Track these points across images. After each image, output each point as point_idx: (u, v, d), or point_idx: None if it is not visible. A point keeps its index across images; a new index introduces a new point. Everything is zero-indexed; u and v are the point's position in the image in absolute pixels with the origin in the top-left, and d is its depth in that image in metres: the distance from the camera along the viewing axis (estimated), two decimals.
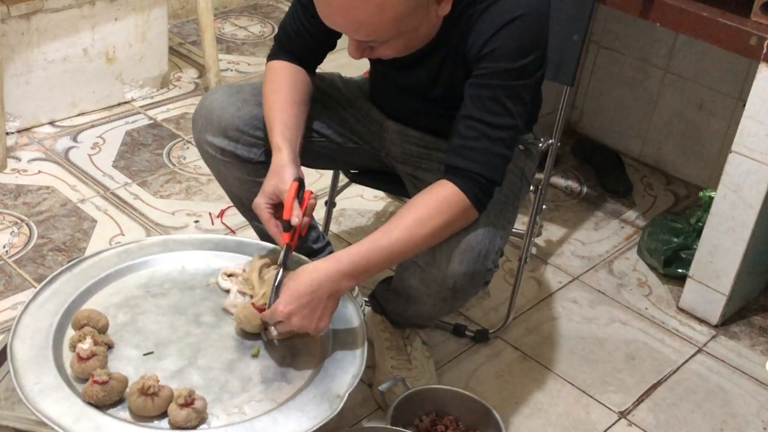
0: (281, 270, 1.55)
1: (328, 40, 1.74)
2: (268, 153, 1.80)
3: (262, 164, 1.80)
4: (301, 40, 1.73)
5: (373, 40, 1.48)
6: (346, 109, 1.87)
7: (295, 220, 1.55)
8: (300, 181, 1.60)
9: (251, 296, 1.59)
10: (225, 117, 1.75)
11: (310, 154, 1.88)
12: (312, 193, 1.61)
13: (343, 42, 1.59)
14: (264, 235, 1.97)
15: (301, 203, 1.58)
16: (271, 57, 1.77)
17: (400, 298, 1.78)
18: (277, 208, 1.59)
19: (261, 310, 1.54)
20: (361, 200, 2.56)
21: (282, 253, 1.57)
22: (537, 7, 1.53)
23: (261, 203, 1.60)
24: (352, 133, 1.87)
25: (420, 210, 1.52)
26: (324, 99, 1.86)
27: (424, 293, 1.67)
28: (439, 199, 1.53)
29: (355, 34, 1.48)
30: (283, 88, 1.71)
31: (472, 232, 1.58)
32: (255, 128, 1.75)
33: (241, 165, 1.77)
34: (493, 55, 1.51)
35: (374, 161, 1.92)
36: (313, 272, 1.50)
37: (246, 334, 1.56)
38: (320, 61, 1.80)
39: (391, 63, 1.65)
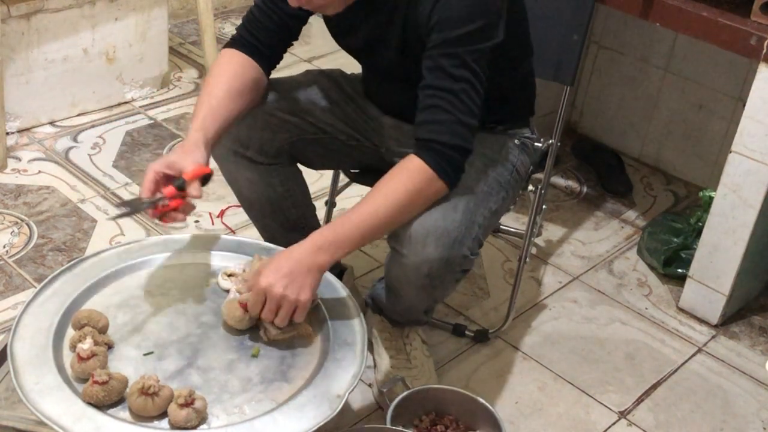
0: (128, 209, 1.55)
1: (288, 30, 1.74)
2: (276, 152, 1.82)
3: (272, 166, 1.82)
4: (264, 28, 1.72)
5: None
6: (348, 104, 1.88)
7: (195, 193, 1.53)
8: (205, 177, 1.57)
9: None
10: None
11: (315, 152, 1.89)
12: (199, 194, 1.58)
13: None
14: (267, 236, 1.97)
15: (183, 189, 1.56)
16: (229, 44, 1.76)
17: (390, 293, 1.80)
18: (164, 181, 1.55)
19: (245, 306, 1.54)
20: None
21: (136, 201, 1.54)
22: None
23: (155, 166, 1.55)
24: (354, 130, 1.88)
25: (386, 183, 1.56)
26: (327, 95, 1.86)
27: (404, 282, 1.68)
28: (403, 172, 1.56)
29: None
30: (225, 76, 1.70)
31: (449, 218, 1.59)
32: (262, 129, 1.78)
33: (252, 166, 1.78)
34: (440, 24, 1.53)
35: (375, 158, 1.92)
36: (290, 250, 1.55)
37: (241, 332, 1.56)
38: (278, 57, 1.79)
39: (360, 50, 1.69)
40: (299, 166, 1.93)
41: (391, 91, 1.81)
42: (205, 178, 1.57)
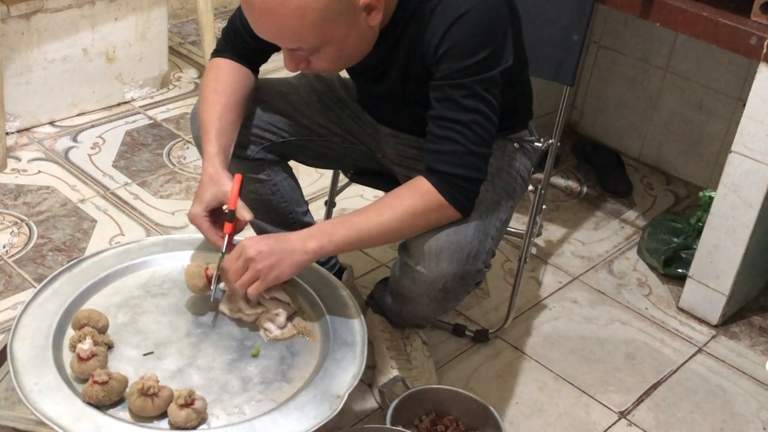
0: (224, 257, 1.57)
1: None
2: (265, 150, 1.82)
3: (259, 161, 1.81)
4: (250, 37, 1.69)
5: (300, 47, 1.47)
6: (343, 110, 1.87)
7: (247, 216, 1.57)
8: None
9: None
10: None
11: (308, 154, 1.89)
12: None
13: None
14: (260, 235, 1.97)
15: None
16: (216, 53, 1.76)
17: (396, 298, 1.78)
18: (213, 216, 1.60)
19: (208, 278, 1.56)
20: (361, 200, 2.56)
21: (224, 244, 1.58)
22: (485, 1, 1.50)
23: (200, 212, 1.58)
24: (349, 134, 1.88)
25: (397, 198, 1.55)
26: (322, 99, 1.86)
27: (417, 294, 1.67)
28: (416, 193, 1.54)
29: (280, 40, 1.47)
30: (224, 90, 1.70)
31: (462, 233, 1.58)
32: (251, 126, 1.76)
33: (239, 162, 1.78)
34: (449, 55, 1.50)
35: (371, 162, 1.92)
36: (287, 233, 1.56)
37: (241, 332, 1.56)
38: (264, 61, 1.78)
39: (359, 75, 1.66)
40: (296, 164, 1.93)
41: (388, 109, 1.79)
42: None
